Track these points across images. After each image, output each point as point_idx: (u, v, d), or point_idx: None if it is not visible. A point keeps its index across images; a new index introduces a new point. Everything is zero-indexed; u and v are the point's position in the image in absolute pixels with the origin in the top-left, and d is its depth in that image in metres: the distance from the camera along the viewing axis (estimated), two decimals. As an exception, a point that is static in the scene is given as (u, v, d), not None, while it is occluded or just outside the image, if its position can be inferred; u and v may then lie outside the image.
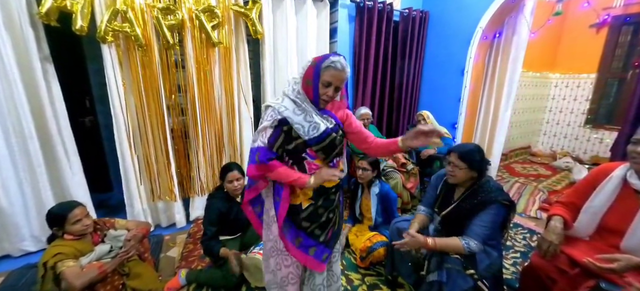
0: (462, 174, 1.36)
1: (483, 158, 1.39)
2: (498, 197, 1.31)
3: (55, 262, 1.31)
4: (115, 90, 1.90)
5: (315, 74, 1.03)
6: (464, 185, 1.42)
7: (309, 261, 1.18)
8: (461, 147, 1.41)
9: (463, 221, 1.37)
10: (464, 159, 1.35)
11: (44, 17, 1.64)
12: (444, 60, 2.98)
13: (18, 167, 1.78)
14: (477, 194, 1.35)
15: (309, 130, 1.05)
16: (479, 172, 1.37)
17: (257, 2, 2.20)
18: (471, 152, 1.36)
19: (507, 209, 1.34)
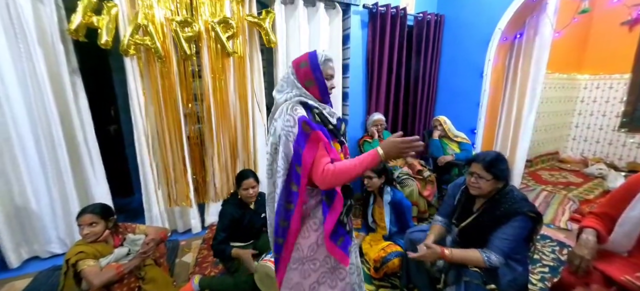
0: (488, 186, 1.28)
1: (508, 167, 1.32)
2: (523, 208, 1.23)
3: (76, 260, 1.37)
4: (136, 99, 1.99)
5: (318, 70, 1.04)
6: (485, 195, 1.34)
7: (338, 253, 1.10)
8: (484, 156, 1.31)
9: (483, 235, 1.29)
10: (490, 170, 1.27)
11: (73, 33, 1.75)
12: (461, 64, 2.89)
13: (47, 172, 1.89)
14: (499, 205, 1.27)
15: (330, 118, 1.07)
16: (505, 182, 1.29)
17: (271, 12, 2.25)
18: (496, 161, 1.28)
19: (533, 221, 1.24)
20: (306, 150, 0.96)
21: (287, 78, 1.08)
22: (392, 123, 3.00)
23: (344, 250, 1.13)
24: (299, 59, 1.07)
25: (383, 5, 2.62)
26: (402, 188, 2.30)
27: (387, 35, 2.70)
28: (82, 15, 1.73)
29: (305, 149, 0.96)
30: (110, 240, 1.55)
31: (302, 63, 1.05)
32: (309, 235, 1.09)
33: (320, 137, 0.96)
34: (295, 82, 1.06)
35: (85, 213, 1.49)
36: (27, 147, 1.82)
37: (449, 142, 2.60)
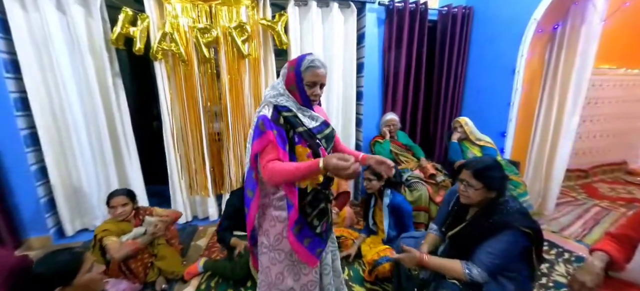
0: (477, 195, 1.18)
1: (504, 176, 1.20)
2: (514, 221, 1.10)
3: (102, 236, 1.64)
4: (164, 99, 2.27)
5: (298, 78, 1.06)
6: (476, 204, 1.24)
7: (303, 252, 1.13)
8: (476, 163, 1.22)
9: (471, 246, 1.19)
10: (480, 178, 1.17)
11: (114, 42, 2.08)
12: (491, 60, 2.63)
13: (96, 160, 2.27)
14: (490, 215, 1.16)
15: (310, 121, 1.10)
16: (498, 192, 1.18)
17: (284, 14, 2.34)
18: (489, 169, 1.18)
19: (528, 238, 1.11)
20: (254, 144, 1.03)
21: (280, 79, 1.12)
22: (410, 125, 2.87)
23: (311, 251, 1.15)
24: (292, 61, 1.09)
25: (400, 1, 2.53)
26: (410, 192, 2.20)
27: (405, 32, 2.60)
28: (121, 27, 2.04)
29: (253, 143, 1.03)
30: (131, 220, 1.81)
31: (290, 67, 1.08)
32: (275, 224, 1.13)
33: (269, 137, 1.00)
34: (281, 82, 1.10)
35: (117, 195, 1.77)
36: (82, 140, 2.20)
37: (470, 145, 2.40)
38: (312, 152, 1.10)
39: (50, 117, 2.11)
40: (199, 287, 1.74)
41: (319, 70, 1.05)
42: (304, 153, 1.07)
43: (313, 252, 1.17)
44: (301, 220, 1.11)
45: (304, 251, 1.14)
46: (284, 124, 1.05)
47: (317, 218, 1.16)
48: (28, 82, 1.98)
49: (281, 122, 1.04)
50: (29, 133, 2.07)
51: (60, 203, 2.21)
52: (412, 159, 2.53)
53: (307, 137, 1.08)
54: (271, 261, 1.16)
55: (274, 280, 1.16)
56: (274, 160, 1.00)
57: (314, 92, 1.07)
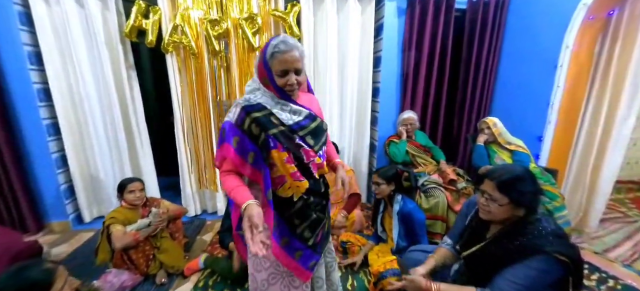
0: (501, 212, 0.99)
1: (537, 190, 0.99)
2: (546, 246, 0.91)
3: (109, 223, 1.66)
4: (175, 92, 2.27)
5: (266, 68, 0.92)
6: (503, 221, 1.05)
7: (293, 266, 1.04)
8: (503, 171, 1.01)
9: (491, 270, 1.01)
10: (506, 191, 0.97)
11: (127, 35, 2.10)
12: (528, 53, 2.32)
13: (111, 150, 2.34)
14: (516, 236, 0.97)
15: (291, 116, 0.96)
16: (528, 209, 0.98)
17: (296, 5, 2.23)
18: (518, 180, 0.97)
19: (564, 268, 0.90)
20: (217, 151, 1.00)
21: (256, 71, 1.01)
22: (431, 124, 2.65)
23: (303, 265, 1.05)
24: (262, 49, 0.95)
25: (424, -11, 2.31)
26: (426, 198, 2.01)
27: (428, 23, 2.37)
28: (134, 19, 2.06)
29: (217, 151, 1.00)
30: (139, 210, 1.82)
31: (259, 56, 0.95)
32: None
33: (225, 150, 0.95)
34: (255, 75, 0.99)
35: (136, 181, 1.80)
36: (98, 130, 2.27)
37: (498, 149, 2.14)
38: (293, 155, 0.96)
39: (70, 107, 2.20)
40: (197, 284, 1.71)
41: (287, 55, 0.87)
42: (280, 159, 0.94)
43: (306, 266, 1.06)
44: (286, 232, 1.00)
45: (295, 265, 1.03)
46: (251, 128, 0.91)
47: (309, 229, 1.04)
48: (50, 73, 2.07)
49: (246, 127, 0.92)
50: (50, 123, 2.17)
51: (78, 191, 2.31)
52: (430, 162, 2.32)
53: (283, 139, 0.94)
54: (255, 267, 1.07)
55: (259, 286, 1.07)
56: (228, 171, 0.95)
57: (287, 81, 0.90)
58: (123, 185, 1.78)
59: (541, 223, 0.97)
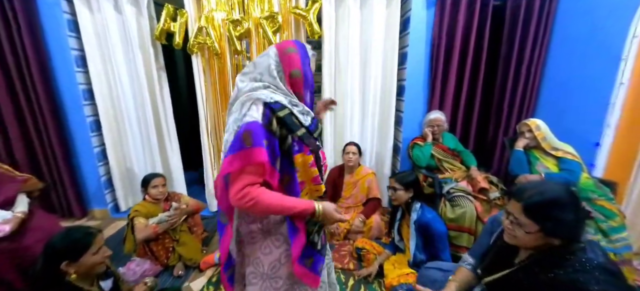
0: (529, 240, 0.84)
1: (579, 218, 0.80)
2: (592, 285, 0.73)
3: (133, 216, 1.77)
4: (200, 91, 2.35)
5: (307, 61, 0.93)
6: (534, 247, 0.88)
7: (306, 274, 0.98)
8: (534, 191, 0.83)
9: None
10: (535, 217, 0.81)
11: (157, 37, 2.23)
12: (584, 43, 2.00)
13: (144, 146, 2.52)
14: (551, 267, 0.81)
15: (304, 117, 0.91)
16: (566, 239, 0.81)
17: (317, 1, 2.17)
18: (553, 205, 0.79)
19: None
20: (230, 160, 0.79)
21: (265, 63, 0.88)
22: (462, 127, 2.42)
23: (314, 271, 0.98)
24: (285, 44, 0.92)
25: (456, -23, 2.10)
26: (452, 207, 1.83)
27: (461, 15, 2.16)
28: (163, 22, 2.17)
29: (228, 159, 0.79)
30: (161, 204, 1.92)
31: (289, 48, 0.90)
32: (271, 251, 0.95)
33: (257, 156, 0.77)
34: (276, 68, 0.88)
35: (159, 177, 1.93)
36: (133, 127, 2.46)
37: (541, 155, 1.87)
38: (315, 158, 0.91)
39: (110, 106, 2.40)
40: (211, 279, 1.76)
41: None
42: (305, 163, 0.88)
43: (317, 272, 1.00)
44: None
45: (309, 274, 0.97)
46: (277, 130, 0.82)
47: (317, 234, 0.99)
48: (93, 74, 2.27)
49: (274, 128, 0.81)
50: (93, 120, 2.40)
51: (116, 182, 2.52)
52: (459, 168, 2.11)
53: (308, 142, 0.89)
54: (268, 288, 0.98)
55: None
56: (255, 184, 0.79)
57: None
58: (147, 180, 1.90)
59: (586, 254, 0.79)
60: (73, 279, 1.07)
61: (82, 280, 1.11)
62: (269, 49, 0.92)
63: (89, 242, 1.10)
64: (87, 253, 1.08)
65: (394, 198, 1.59)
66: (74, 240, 1.09)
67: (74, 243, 1.08)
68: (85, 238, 1.10)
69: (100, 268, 1.16)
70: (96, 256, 1.11)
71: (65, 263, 1.05)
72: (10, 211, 1.53)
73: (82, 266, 1.08)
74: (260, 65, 0.89)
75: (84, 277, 1.11)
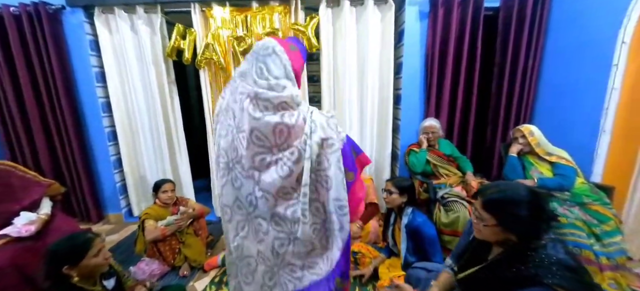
0: (490, 233, 0.91)
1: (537, 214, 0.86)
2: (547, 278, 0.79)
3: (144, 218, 1.91)
4: (207, 103, 2.52)
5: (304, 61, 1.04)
6: (500, 244, 0.95)
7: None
8: (494, 189, 0.92)
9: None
10: (493, 211, 0.89)
11: (169, 54, 2.42)
12: (576, 52, 2.04)
13: (156, 155, 2.69)
14: (514, 262, 0.87)
15: None
16: (521, 235, 0.87)
17: (314, 17, 2.31)
18: (509, 202, 0.87)
19: None
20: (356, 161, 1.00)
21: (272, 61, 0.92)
22: (459, 133, 2.46)
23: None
24: (286, 41, 0.97)
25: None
26: (446, 212, 1.87)
27: (453, 25, 2.24)
28: (174, 41, 2.36)
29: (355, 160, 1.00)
30: (170, 208, 2.06)
31: (291, 45, 0.96)
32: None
33: (364, 160, 1.05)
34: (288, 66, 0.92)
35: (169, 182, 2.07)
36: (146, 137, 2.64)
37: (536, 161, 1.89)
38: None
39: (125, 117, 2.60)
40: (213, 279, 1.86)
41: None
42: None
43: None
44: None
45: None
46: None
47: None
48: (111, 89, 2.48)
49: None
50: (110, 131, 2.59)
51: (130, 188, 2.69)
52: (454, 173, 2.15)
53: None
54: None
55: None
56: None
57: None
58: (158, 185, 2.04)
59: (546, 251, 0.84)
60: (75, 281, 1.11)
61: (85, 281, 1.15)
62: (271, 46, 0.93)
63: (87, 247, 1.12)
64: (86, 257, 1.11)
65: (388, 200, 1.66)
66: (72, 245, 1.12)
67: (73, 249, 1.11)
68: (84, 244, 1.12)
69: (102, 269, 1.21)
70: (96, 258, 1.14)
71: (66, 267, 1.08)
72: (36, 213, 1.70)
73: (82, 269, 1.11)
74: (275, 68, 0.92)
75: (86, 278, 1.16)
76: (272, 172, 0.95)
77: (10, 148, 2.52)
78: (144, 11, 2.35)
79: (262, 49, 0.95)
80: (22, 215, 1.62)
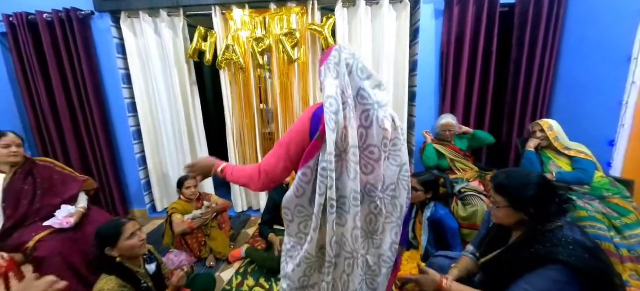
0: (504, 215, 0.98)
1: (545, 195, 0.93)
2: (562, 255, 0.84)
3: (171, 212, 2.00)
4: (227, 102, 2.61)
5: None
6: (520, 227, 1.00)
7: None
8: (505, 174, 1.01)
9: (509, 279, 0.97)
10: (504, 193, 0.97)
11: (191, 56, 2.51)
12: (594, 47, 2.04)
13: (178, 152, 2.80)
14: (532, 244, 0.92)
15: None
16: (532, 215, 0.93)
17: (331, 17, 2.37)
18: (517, 184, 0.95)
19: (581, 279, 0.82)
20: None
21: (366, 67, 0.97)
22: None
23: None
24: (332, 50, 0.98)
25: (463, -12, 2.22)
26: (464, 206, 1.91)
27: (469, 23, 2.27)
28: (196, 43, 2.46)
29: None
30: (194, 203, 2.15)
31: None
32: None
33: None
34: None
35: (192, 178, 2.15)
36: (169, 135, 2.74)
37: (554, 155, 1.91)
38: None
39: (150, 117, 2.71)
40: (238, 270, 1.94)
41: None
42: None
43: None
44: None
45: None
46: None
47: None
48: (136, 90, 2.59)
49: None
50: (135, 130, 2.71)
51: (154, 185, 2.81)
52: (471, 168, 2.18)
53: None
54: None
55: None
56: None
57: None
58: (181, 181, 2.13)
59: (563, 232, 0.89)
60: (124, 260, 1.25)
61: (131, 262, 1.28)
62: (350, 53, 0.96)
63: (120, 231, 1.23)
64: (121, 238, 1.22)
65: (413, 198, 1.70)
66: (108, 228, 1.26)
67: (109, 231, 1.24)
68: (117, 228, 1.24)
69: (141, 251, 1.31)
70: (132, 240, 1.24)
71: (108, 248, 1.21)
72: (74, 206, 1.81)
73: (121, 249, 1.22)
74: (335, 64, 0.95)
75: (130, 259, 1.28)
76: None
77: (43, 146, 2.66)
78: (168, 15, 2.45)
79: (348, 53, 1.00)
80: (63, 208, 1.73)
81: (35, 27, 2.40)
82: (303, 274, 1.07)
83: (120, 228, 1.23)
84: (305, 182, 0.94)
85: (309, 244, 0.99)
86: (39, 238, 1.57)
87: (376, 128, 0.93)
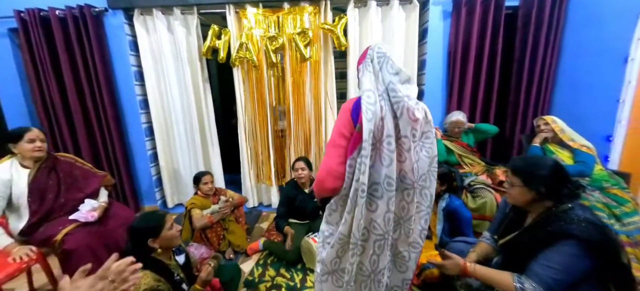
0: (519, 195, 1.09)
1: (557, 176, 1.03)
2: (575, 230, 0.93)
3: (190, 207, 2.05)
4: (239, 99, 2.65)
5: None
6: (535, 209, 1.09)
7: None
8: (520, 158, 1.17)
9: (525, 258, 1.06)
10: (519, 173, 1.08)
11: (205, 54, 2.55)
12: (593, 47, 2.17)
13: (190, 148, 2.82)
14: (549, 223, 1.02)
15: None
16: (546, 195, 1.04)
17: (343, 16, 2.44)
18: (532, 165, 1.08)
19: (593, 253, 0.92)
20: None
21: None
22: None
23: None
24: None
25: (470, -10, 2.32)
26: (473, 198, 2.01)
27: (475, 23, 2.37)
28: (210, 40, 2.49)
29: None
30: (210, 198, 2.19)
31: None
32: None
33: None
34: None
35: (207, 174, 2.20)
36: (180, 132, 2.77)
37: (557, 148, 2.03)
38: None
39: (161, 114, 2.73)
40: (258, 262, 2.00)
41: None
42: None
43: None
44: None
45: None
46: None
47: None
48: (148, 87, 2.61)
49: None
50: (147, 126, 2.73)
51: (165, 181, 2.83)
52: (478, 163, 2.29)
53: None
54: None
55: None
56: None
57: None
58: (198, 177, 2.17)
59: (574, 211, 1.00)
60: (159, 253, 1.28)
61: (163, 254, 1.32)
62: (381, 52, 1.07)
63: (163, 222, 1.28)
64: (164, 228, 1.27)
65: None
66: (153, 219, 1.28)
67: (154, 222, 1.27)
68: (161, 218, 1.29)
69: (176, 242, 1.37)
70: (172, 231, 1.31)
71: (151, 239, 1.25)
72: (96, 201, 1.83)
73: (162, 240, 1.25)
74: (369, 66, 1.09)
75: (164, 251, 1.32)
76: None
77: (53, 142, 2.65)
78: (181, 12, 2.48)
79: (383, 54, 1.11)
80: (86, 202, 1.76)
81: (47, 23, 2.40)
82: (335, 255, 1.14)
83: (163, 219, 1.28)
84: (350, 173, 1.01)
85: (343, 226, 1.07)
86: (67, 231, 1.60)
87: (405, 119, 1.00)
